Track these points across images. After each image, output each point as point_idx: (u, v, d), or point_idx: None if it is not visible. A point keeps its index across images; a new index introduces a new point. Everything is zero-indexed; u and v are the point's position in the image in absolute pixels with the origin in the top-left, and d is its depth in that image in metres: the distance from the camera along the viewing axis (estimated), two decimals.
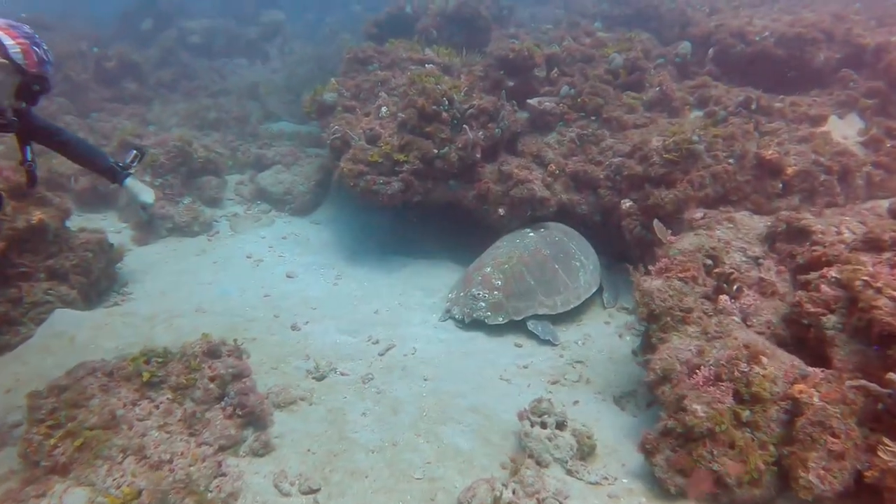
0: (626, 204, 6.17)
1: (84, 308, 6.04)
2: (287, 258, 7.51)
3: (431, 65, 8.18)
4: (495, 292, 5.97)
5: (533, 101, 7.38)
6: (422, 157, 6.75)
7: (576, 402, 4.81)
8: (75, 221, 7.86)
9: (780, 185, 5.81)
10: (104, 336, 5.55)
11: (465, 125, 6.82)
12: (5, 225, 5.56)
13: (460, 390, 4.94)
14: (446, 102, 6.79)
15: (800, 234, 4.46)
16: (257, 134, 11.03)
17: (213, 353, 4.71)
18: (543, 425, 4.12)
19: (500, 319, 5.88)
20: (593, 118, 7.20)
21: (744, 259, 4.59)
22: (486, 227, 7.21)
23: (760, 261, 4.53)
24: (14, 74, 3.31)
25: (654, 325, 4.32)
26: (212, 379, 4.49)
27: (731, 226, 4.94)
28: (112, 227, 7.90)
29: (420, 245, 8.07)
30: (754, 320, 4.12)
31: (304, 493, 3.91)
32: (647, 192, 5.94)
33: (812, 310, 3.71)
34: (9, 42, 3.25)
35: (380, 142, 6.95)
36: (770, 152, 5.72)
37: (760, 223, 4.98)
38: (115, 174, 4.40)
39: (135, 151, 4.52)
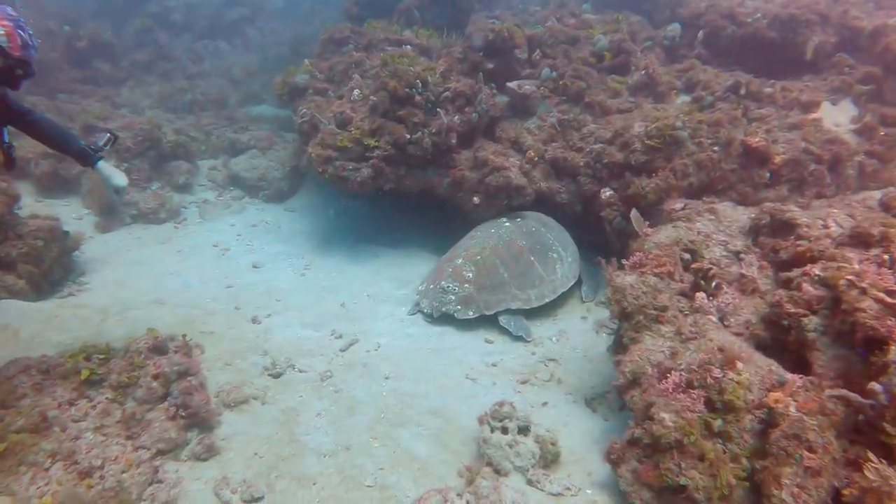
0: (606, 193, 5.87)
1: (34, 299, 5.74)
2: (255, 247, 7.21)
3: (409, 46, 7.82)
4: (466, 285, 5.68)
5: (513, 85, 7.04)
6: (393, 143, 6.42)
7: (545, 404, 4.54)
8: (36, 207, 7.56)
9: (768, 175, 5.51)
10: (52, 329, 5.24)
11: (439, 109, 6.49)
12: None
13: (422, 390, 4.67)
14: (420, 85, 6.45)
15: (784, 227, 4.17)
16: (234, 117, 10.66)
17: (159, 349, 4.44)
18: (504, 430, 3.85)
19: (471, 314, 5.59)
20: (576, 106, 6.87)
21: (724, 253, 4.30)
22: (463, 215, 6.91)
23: (742, 256, 4.24)
24: None
25: (626, 324, 4.04)
26: (155, 377, 4.21)
27: (713, 217, 4.64)
28: (74, 213, 7.58)
29: (395, 234, 7.77)
30: (732, 320, 3.84)
31: (246, 502, 3.65)
32: (627, 181, 5.64)
33: (792, 310, 3.43)
34: None
35: (350, 126, 6.61)
36: (757, 139, 5.41)
37: (744, 215, 4.68)
38: (87, 157, 4.32)
39: (108, 134, 4.45)
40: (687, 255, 4.27)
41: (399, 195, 7.14)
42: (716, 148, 5.44)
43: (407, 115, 6.43)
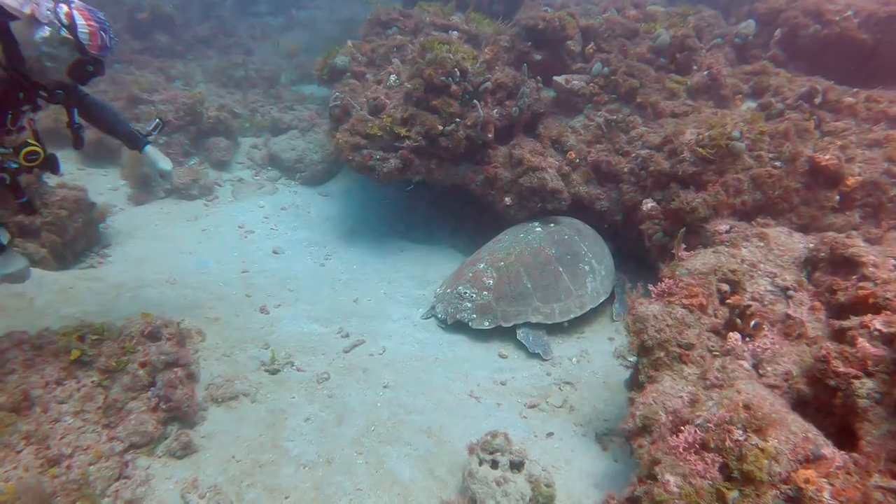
0: (648, 205, 5.32)
1: (56, 268, 5.77)
2: (279, 231, 7.05)
3: (455, 32, 7.40)
4: (485, 293, 5.29)
5: (560, 79, 6.53)
6: (425, 134, 6.06)
7: (550, 434, 4.12)
8: (77, 175, 7.68)
9: (837, 198, 4.82)
10: (65, 301, 5.23)
11: (476, 101, 6.08)
12: None
13: (419, 405, 4.34)
14: (458, 74, 6.05)
15: (845, 263, 3.56)
16: (282, 96, 10.57)
17: (152, 335, 4.30)
18: (494, 465, 3.47)
19: (486, 324, 5.20)
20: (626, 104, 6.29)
21: (770, 288, 3.72)
22: (496, 215, 6.49)
23: (791, 293, 3.66)
24: (74, 51, 3.53)
25: (644, 359, 3.56)
26: (142, 365, 4.07)
27: (762, 244, 4.05)
28: (111, 183, 7.64)
29: (426, 228, 7.43)
30: (769, 369, 3.29)
31: None
32: (672, 193, 5.07)
33: (842, 369, 2.87)
34: (81, 22, 3.51)
35: (383, 113, 6.30)
36: (827, 157, 4.72)
37: (800, 244, 4.07)
38: (136, 140, 4.56)
39: (157, 120, 4.68)
40: (726, 287, 3.73)
41: (435, 187, 6.80)
42: (777, 163, 4.80)
43: (441, 106, 6.05)
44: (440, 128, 6.05)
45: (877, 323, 2.93)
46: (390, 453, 3.88)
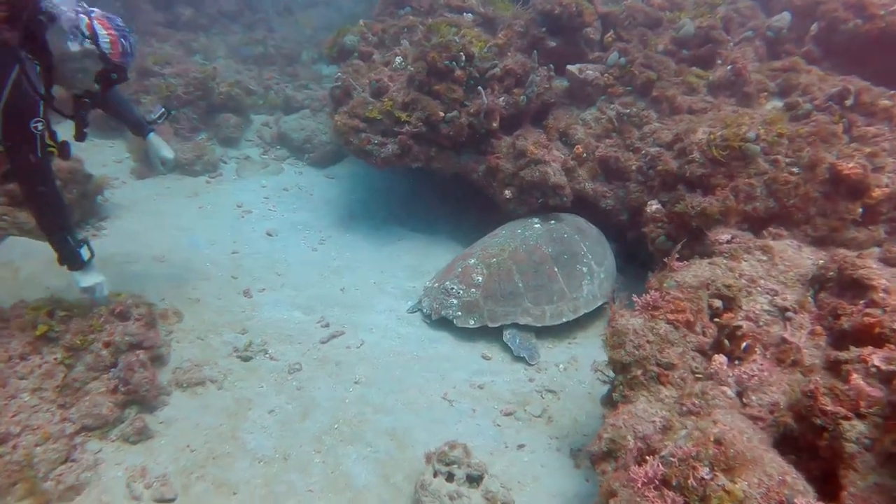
0: (653, 206, 4.98)
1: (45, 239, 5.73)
2: (277, 213, 6.90)
3: (469, 14, 7.09)
4: (472, 290, 5.05)
5: (573, 68, 6.17)
6: (425, 119, 5.81)
7: (521, 447, 3.89)
8: (82, 145, 7.61)
9: (860, 210, 4.41)
10: (50, 273, 5.12)
11: (481, 87, 5.78)
12: None
13: (388, 404, 4.15)
14: (463, 58, 5.76)
15: (854, 285, 3.20)
16: (298, 74, 10.41)
17: (122, 315, 4.20)
18: (450, 477, 3.26)
19: (472, 323, 4.97)
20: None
21: (768, 308, 3.39)
22: (498, 208, 6.21)
23: (790, 314, 3.33)
24: (98, 61, 3.66)
25: (620, 377, 3.29)
26: (106, 345, 3.98)
27: (765, 258, 3.71)
28: (116, 155, 7.60)
29: (429, 217, 7.19)
30: (754, 398, 2.98)
31: (156, 501, 3.32)
32: (678, 195, 4.72)
33: (830, 408, 2.55)
34: (101, 32, 3.59)
35: (384, 96, 6.07)
36: (851, 165, 4.31)
37: (808, 260, 3.71)
38: (141, 127, 4.68)
39: (163, 109, 4.81)
40: (718, 303, 3.42)
41: (442, 175, 6.55)
42: (795, 169, 4.40)
43: (444, 91, 5.78)
44: (441, 114, 5.79)
45: (876, 358, 2.60)
46: (349, 454, 3.71)
